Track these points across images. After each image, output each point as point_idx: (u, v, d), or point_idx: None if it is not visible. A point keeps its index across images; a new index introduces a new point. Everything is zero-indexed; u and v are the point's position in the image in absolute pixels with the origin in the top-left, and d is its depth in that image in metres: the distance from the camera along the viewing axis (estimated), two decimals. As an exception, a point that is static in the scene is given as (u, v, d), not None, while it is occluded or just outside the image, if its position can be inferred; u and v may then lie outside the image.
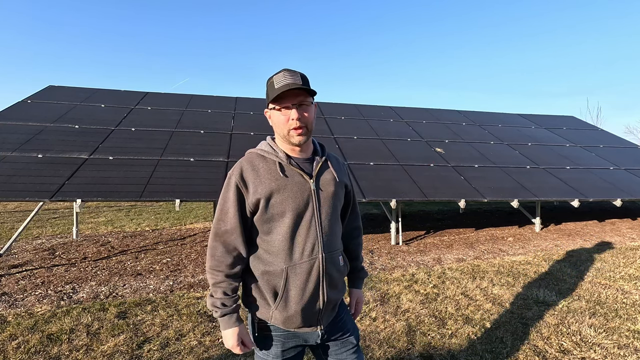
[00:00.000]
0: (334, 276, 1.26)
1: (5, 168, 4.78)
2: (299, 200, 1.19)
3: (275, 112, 1.20)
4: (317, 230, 1.21)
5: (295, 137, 1.19)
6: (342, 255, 1.32)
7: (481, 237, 6.12)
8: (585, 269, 4.31)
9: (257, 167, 1.21)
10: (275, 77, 1.19)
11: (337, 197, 1.28)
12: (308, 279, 1.20)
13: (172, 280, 3.98)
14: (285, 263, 1.19)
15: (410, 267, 4.44)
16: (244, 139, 6.53)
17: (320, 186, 1.25)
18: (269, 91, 1.19)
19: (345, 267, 1.34)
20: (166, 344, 2.60)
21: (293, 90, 1.15)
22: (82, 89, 8.24)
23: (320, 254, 1.21)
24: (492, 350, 2.53)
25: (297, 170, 1.22)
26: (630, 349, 2.55)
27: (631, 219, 7.55)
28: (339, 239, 1.30)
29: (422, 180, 5.88)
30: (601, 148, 8.65)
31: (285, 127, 1.19)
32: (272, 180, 1.19)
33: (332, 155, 1.38)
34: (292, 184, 1.20)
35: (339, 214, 1.30)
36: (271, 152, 1.25)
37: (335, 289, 1.28)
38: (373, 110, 9.36)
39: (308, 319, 1.23)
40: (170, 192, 4.71)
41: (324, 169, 1.29)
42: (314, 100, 1.25)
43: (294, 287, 1.19)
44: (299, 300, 1.19)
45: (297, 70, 1.22)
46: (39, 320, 2.94)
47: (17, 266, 4.43)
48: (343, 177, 1.34)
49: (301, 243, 1.20)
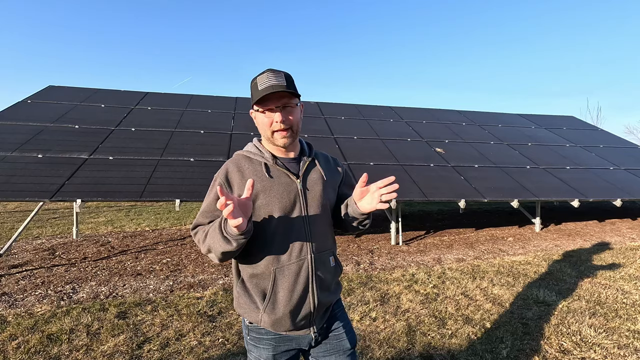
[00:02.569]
0: (325, 278, 1.22)
1: (5, 168, 4.78)
2: (286, 200, 1.17)
3: (260, 114, 1.18)
4: (305, 230, 1.18)
5: (280, 140, 1.18)
6: (334, 255, 1.28)
7: (481, 237, 6.11)
8: (585, 269, 4.31)
9: (243, 169, 1.19)
10: (258, 78, 1.16)
11: (326, 196, 1.25)
12: (296, 281, 1.17)
13: (172, 280, 3.98)
14: (273, 265, 1.16)
15: (410, 267, 4.44)
16: (244, 139, 6.53)
17: (307, 186, 1.22)
18: (253, 93, 1.17)
19: (338, 267, 1.30)
20: (166, 344, 2.60)
21: (277, 92, 1.12)
22: (82, 89, 8.24)
23: (309, 255, 1.18)
24: (492, 350, 2.53)
25: (283, 171, 1.20)
26: (630, 349, 2.55)
27: (631, 219, 7.55)
28: (329, 239, 1.27)
29: (422, 180, 5.87)
30: (601, 148, 8.65)
31: (269, 129, 1.17)
32: (257, 181, 1.16)
33: (321, 154, 1.36)
34: (277, 184, 1.18)
35: (328, 213, 1.27)
36: (257, 153, 1.23)
37: (326, 290, 1.25)
38: (373, 110, 9.36)
39: (298, 322, 1.20)
40: (170, 192, 4.71)
41: (311, 168, 1.26)
42: (299, 101, 1.22)
43: (282, 289, 1.16)
44: (287, 302, 1.16)
45: (282, 70, 1.18)
46: (39, 320, 2.94)
47: (17, 266, 4.43)
48: (332, 175, 1.31)
49: (289, 244, 1.17)
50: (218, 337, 2.69)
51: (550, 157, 7.70)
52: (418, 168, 6.33)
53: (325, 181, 1.26)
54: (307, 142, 1.35)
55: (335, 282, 1.30)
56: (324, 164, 1.31)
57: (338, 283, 1.34)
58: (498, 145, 8.03)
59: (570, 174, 6.91)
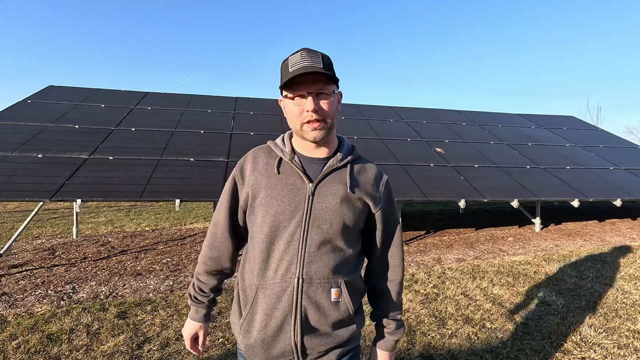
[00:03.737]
0: (317, 313, 0.96)
1: (5, 168, 4.78)
2: (285, 204, 0.97)
3: (288, 102, 0.98)
4: (299, 247, 0.96)
5: (310, 133, 0.97)
6: (342, 287, 0.99)
7: (481, 237, 6.11)
8: (585, 269, 4.31)
9: (258, 160, 1.05)
10: (291, 57, 0.97)
11: (342, 213, 0.99)
12: (276, 306, 0.96)
13: (172, 280, 3.98)
14: (258, 279, 0.99)
15: (410, 267, 4.44)
16: (244, 139, 6.53)
17: (320, 194, 0.99)
18: (283, 75, 0.98)
19: (344, 304, 0.99)
20: (166, 344, 2.60)
21: (310, 74, 0.93)
22: (82, 89, 8.24)
23: (297, 278, 0.95)
24: (492, 350, 2.53)
25: (295, 169, 1.00)
26: (630, 349, 2.55)
27: (631, 219, 7.55)
28: (339, 268, 0.99)
29: (422, 180, 5.87)
30: (601, 148, 8.65)
31: (298, 120, 0.97)
32: (264, 176, 1.01)
33: (365, 162, 1.10)
34: (283, 184, 0.99)
35: (340, 236, 0.99)
36: (280, 145, 1.06)
37: (315, 331, 0.97)
38: (373, 110, 9.36)
39: (274, 358, 0.97)
40: (170, 192, 4.71)
41: (336, 175, 1.02)
42: (337, 88, 1.02)
43: (260, 311, 0.98)
44: (262, 329, 0.97)
45: (320, 51, 0.98)
46: (39, 320, 2.94)
47: (17, 266, 4.43)
48: (363, 192, 1.03)
49: (277, 258, 0.97)
50: (218, 337, 2.69)
51: (550, 157, 7.70)
52: (418, 168, 6.33)
53: (347, 195, 1.00)
54: (352, 144, 1.11)
55: (341, 322, 1.00)
56: (359, 174, 1.05)
57: (349, 325, 1.02)
58: (498, 145, 8.03)
59: (570, 174, 6.91)
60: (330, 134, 1.01)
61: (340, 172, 1.03)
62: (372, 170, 1.08)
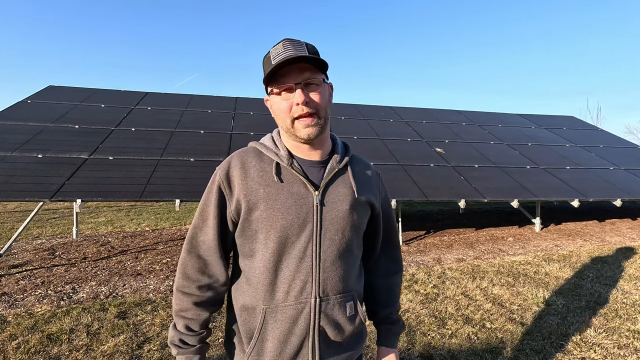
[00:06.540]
0: (335, 331, 0.91)
1: (5, 168, 4.78)
2: (293, 217, 0.87)
3: (275, 98, 0.89)
4: (313, 263, 0.88)
5: (302, 130, 0.87)
6: (355, 300, 0.95)
7: (481, 237, 6.11)
8: (585, 269, 4.31)
9: (248, 166, 0.92)
10: (272, 49, 0.88)
11: (352, 219, 0.92)
12: (292, 331, 0.88)
13: (172, 280, 3.98)
14: (264, 302, 0.88)
15: (410, 267, 4.44)
16: (244, 139, 6.53)
17: (328, 202, 0.91)
18: (265, 68, 0.88)
19: (358, 316, 0.96)
20: (166, 344, 2.60)
21: (296, 64, 0.85)
22: (82, 89, 8.24)
23: (313, 298, 0.88)
24: (492, 350, 2.53)
25: (298, 176, 0.90)
26: (630, 349, 2.55)
27: (631, 219, 7.55)
28: (350, 279, 0.94)
29: (422, 180, 5.88)
30: (601, 148, 8.65)
31: (287, 116, 0.87)
32: (261, 185, 0.89)
33: (359, 160, 1.04)
34: (286, 194, 0.89)
35: (354, 242, 0.95)
36: (272, 147, 0.94)
37: (336, 347, 0.93)
38: (373, 110, 9.36)
39: None
40: (170, 192, 4.71)
41: (339, 178, 0.95)
42: (327, 78, 0.92)
43: (271, 338, 0.88)
44: (276, 357, 0.88)
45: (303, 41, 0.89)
46: (39, 320, 2.94)
47: (17, 266, 4.43)
48: (367, 193, 0.97)
49: (288, 278, 0.88)
50: (218, 337, 2.69)
51: (550, 157, 7.71)
52: (418, 168, 6.33)
53: (355, 199, 0.94)
54: (344, 142, 1.04)
55: (353, 335, 0.97)
56: (359, 174, 0.99)
57: (358, 335, 1.00)
58: (498, 145, 8.03)
59: (570, 174, 6.91)
60: (325, 132, 0.93)
61: (343, 176, 0.96)
62: (368, 167, 1.05)
